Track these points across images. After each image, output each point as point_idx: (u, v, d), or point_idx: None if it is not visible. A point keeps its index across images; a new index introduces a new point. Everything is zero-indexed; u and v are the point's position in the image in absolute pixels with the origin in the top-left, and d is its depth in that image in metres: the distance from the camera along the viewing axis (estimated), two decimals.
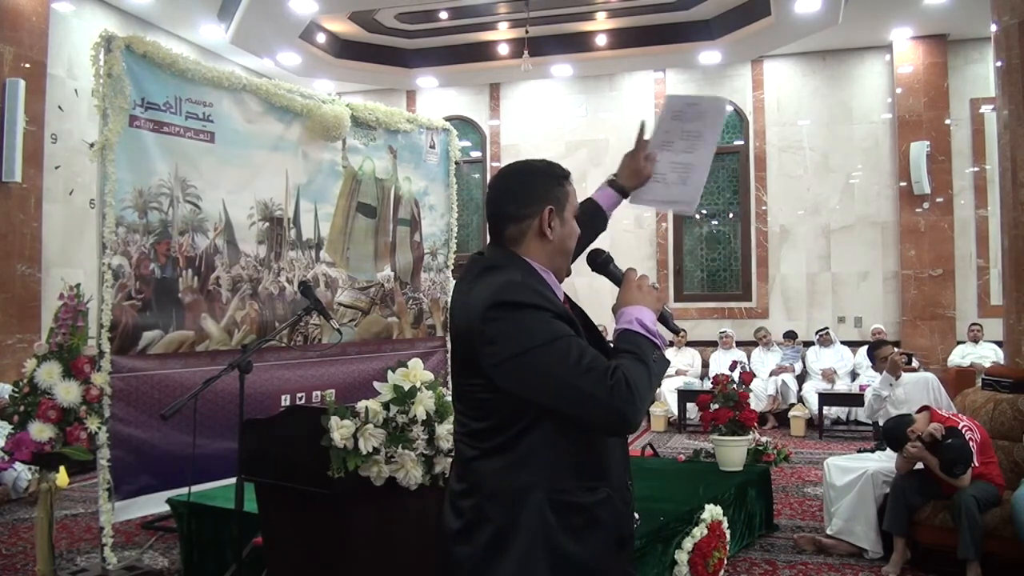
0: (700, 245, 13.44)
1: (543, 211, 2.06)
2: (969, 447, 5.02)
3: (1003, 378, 6.04)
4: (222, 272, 5.31)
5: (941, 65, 12.14)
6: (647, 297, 2.05)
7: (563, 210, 2.09)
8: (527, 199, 2.07)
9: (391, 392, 3.14)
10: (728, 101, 10.56)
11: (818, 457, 8.69)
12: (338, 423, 3.01)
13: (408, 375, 3.17)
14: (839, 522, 5.79)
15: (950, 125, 12.20)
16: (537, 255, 2.06)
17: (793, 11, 10.17)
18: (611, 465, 2.03)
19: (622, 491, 2.06)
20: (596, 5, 11.32)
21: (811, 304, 12.74)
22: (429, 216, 7.12)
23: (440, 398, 3.20)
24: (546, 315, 1.91)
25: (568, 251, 2.13)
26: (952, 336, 11.98)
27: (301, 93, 5.99)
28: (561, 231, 2.08)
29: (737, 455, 6.14)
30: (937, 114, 12.15)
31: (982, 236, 12.04)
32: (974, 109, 12.15)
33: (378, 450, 3.06)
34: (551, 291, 2.03)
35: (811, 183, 12.80)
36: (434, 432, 3.16)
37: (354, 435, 3.03)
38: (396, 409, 3.12)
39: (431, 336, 7.09)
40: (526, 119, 13.94)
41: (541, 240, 2.06)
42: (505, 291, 1.93)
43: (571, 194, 2.13)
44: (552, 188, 2.09)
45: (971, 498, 4.95)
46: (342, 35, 11.87)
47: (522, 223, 2.06)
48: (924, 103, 12.15)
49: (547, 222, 2.05)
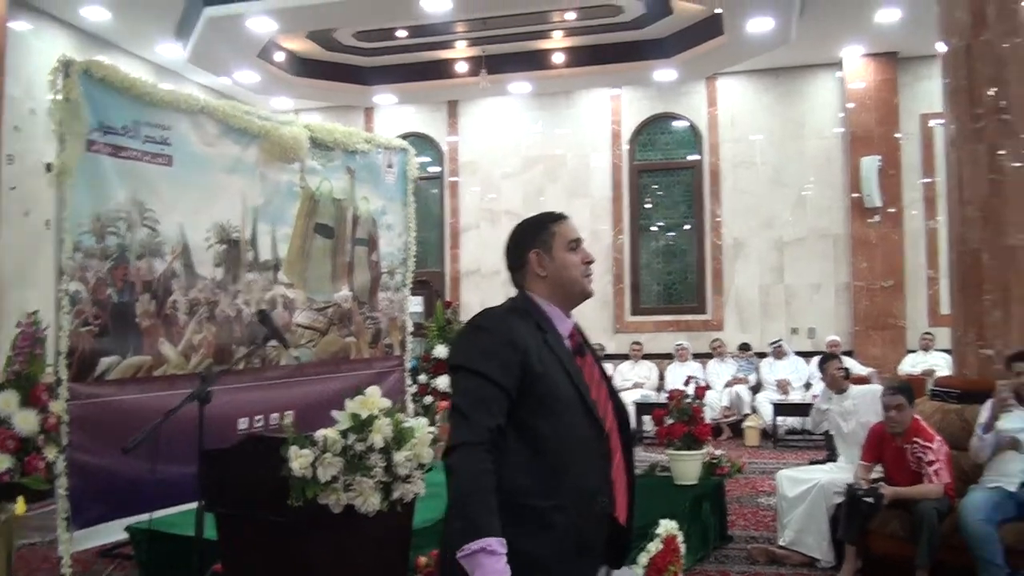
0: (656, 259, 13.61)
1: (530, 256, 2.41)
2: None
3: (951, 389, 6.18)
4: (179, 296, 5.32)
5: (891, 82, 12.44)
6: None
7: (551, 249, 2.41)
8: (517, 250, 2.46)
9: (349, 420, 3.21)
10: None
11: (772, 467, 8.82)
12: (297, 452, 3.07)
13: (366, 403, 3.24)
14: (791, 533, 5.92)
15: (900, 139, 12.49)
16: (540, 291, 2.42)
17: (746, 30, 10.37)
18: (572, 476, 2.21)
19: (586, 502, 2.22)
20: (553, 24, 11.46)
21: (765, 316, 12.96)
22: (387, 235, 7.16)
23: (398, 425, 3.27)
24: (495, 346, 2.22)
25: (568, 279, 2.41)
26: (903, 345, 12.25)
27: (259, 115, 6.02)
28: (553, 266, 2.40)
29: (692, 469, 6.24)
30: (888, 129, 12.44)
31: (932, 247, 12.30)
32: (924, 124, 12.44)
33: (336, 478, 3.12)
34: (543, 322, 2.35)
35: (764, 197, 13.02)
36: (392, 459, 3.23)
37: (313, 464, 3.10)
38: (354, 437, 3.19)
39: (389, 355, 7.14)
40: (484, 135, 14.04)
41: (538, 279, 2.41)
42: (481, 314, 2.37)
43: (558, 233, 2.43)
44: (537, 234, 2.43)
45: (933, 510, 5.07)
46: (300, 53, 11.90)
47: (521, 271, 2.45)
48: (875, 118, 12.44)
49: (537, 264, 2.41)
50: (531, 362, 2.21)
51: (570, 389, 2.27)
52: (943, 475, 5.25)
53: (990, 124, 5.99)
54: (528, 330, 2.28)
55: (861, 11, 10.62)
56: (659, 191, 13.68)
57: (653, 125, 13.59)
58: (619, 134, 13.52)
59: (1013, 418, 5.21)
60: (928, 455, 5.29)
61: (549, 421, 2.22)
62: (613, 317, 13.29)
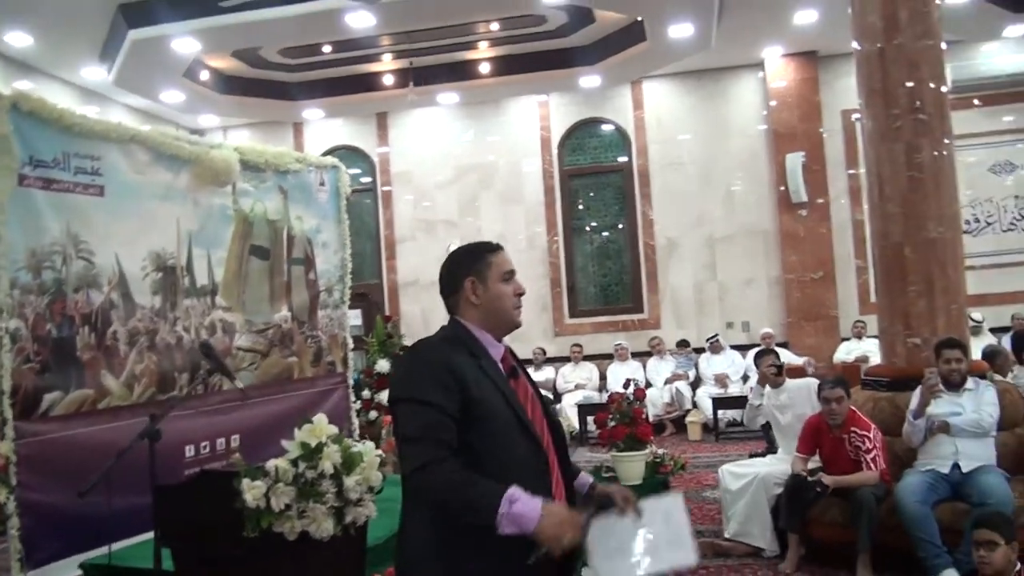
0: (591, 261, 13.76)
1: (465, 283, 2.47)
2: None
3: (881, 377, 6.43)
4: (119, 326, 5.27)
5: (812, 80, 12.77)
6: (549, 524, 2.16)
7: (486, 279, 2.46)
8: (453, 276, 2.51)
9: (298, 449, 3.25)
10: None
11: (715, 461, 9.00)
12: (250, 484, 3.11)
13: (314, 431, 3.29)
14: (735, 525, 6.10)
15: (824, 135, 12.82)
16: (472, 318, 2.48)
17: (667, 36, 10.54)
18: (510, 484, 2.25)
19: None
20: (478, 35, 11.52)
21: (700, 312, 13.18)
22: (323, 253, 7.14)
23: (346, 450, 3.32)
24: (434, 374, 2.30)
25: (500, 309, 2.48)
26: (836, 334, 12.56)
27: (188, 140, 5.98)
28: (487, 296, 2.47)
29: (636, 469, 6.39)
30: (810, 125, 12.76)
31: (859, 237, 12.59)
32: (846, 119, 12.75)
33: (290, 506, 3.16)
34: (476, 347, 2.41)
35: (694, 196, 13.24)
36: (342, 484, 3.28)
37: (266, 494, 3.14)
38: (304, 465, 3.24)
39: (331, 373, 7.13)
40: (415, 146, 14.05)
41: (471, 306, 2.47)
42: (415, 346, 2.51)
43: (494, 263, 2.48)
44: (474, 263, 2.49)
45: (871, 495, 5.29)
46: (226, 71, 11.81)
47: (454, 296, 2.51)
48: (797, 115, 12.75)
49: (471, 292, 2.47)
50: (469, 388, 2.29)
51: (507, 411, 2.35)
52: (879, 461, 5.47)
53: (906, 123, 6.20)
54: (463, 357, 2.36)
55: (779, 13, 10.88)
56: (591, 194, 13.84)
57: (581, 130, 13.73)
58: (549, 140, 13.65)
59: (942, 403, 5.46)
60: (866, 443, 5.50)
61: (490, 443, 2.30)
62: (552, 320, 13.41)
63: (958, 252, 6.33)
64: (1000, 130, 12.65)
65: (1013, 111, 12.63)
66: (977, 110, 12.52)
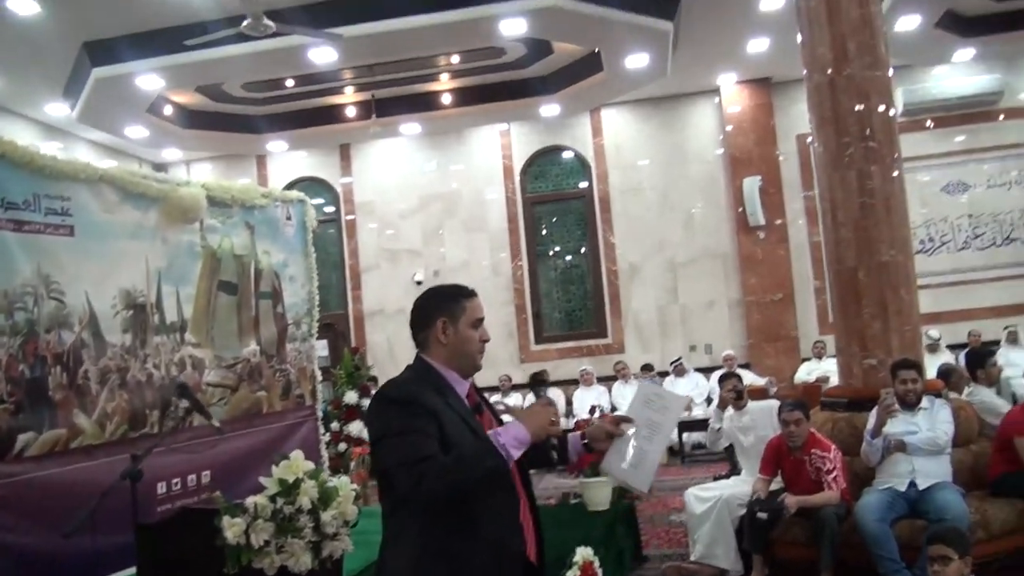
0: (555, 287, 13.93)
1: (437, 322, 2.56)
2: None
3: (839, 398, 6.58)
4: (90, 365, 5.28)
5: (766, 105, 13.10)
6: (532, 421, 2.46)
7: (458, 321, 2.56)
8: (425, 314, 2.60)
9: (276, 485, 3.33)
10: (688, 398, 11.16)
11: (681, 484, 9.07)
12: (230, 522, 3.19)
13: (291, 467, 3.37)
14: (701, 547, 6.20)
15: (780, 158, 13.11)
16: (437, 356, 2.57)
17: (624, 66, 10.77)
18: (486, 522, 2.40)
19: (500, 545, 2.42)
20: (439, 67, 11.67)
21: (664, 335, 13.37)
22: (290, 287, 7.18)
23: (323, 485, 3.41)
24: (406, 410, 2.39)
25: (465, 353, 2.57)
26: (797, 354, 12.81)
27: (156, 178, 6.02)
28: (456, 338, 2.56)
29: (603, 495, 6.45)
30: (766, 150, 13.06)
31: (816, 259, 12.82)
32: (800, 143, 13.02)
33: (269, 542, 3.24)
34: (442, 385, 2.51)
35: (654, 221, 13.48)
36: (319, 519, 3.36)
37: (246, 531, 3.21)
38: (282, 501, 3.32)
39: (300, 406, 7.16)
40: (378, 176, 14.18)
41: (439, 345, 2.56)
42: (384, 387, 2.54)
43: (468, 309, 2.58)
44: (448, 304, 2.58)
45: (832, 514, 5.41)
46: (189, 106, 11.85)
47: (424, 332, 2.59)
48: (753, 140, 13.05)
49: (440, 331, 2.55)
50: (440, 422, 2.40)
51: (475, 444, 2.45)
52: (840, 481, 5.61)
53: (857, 150, 6.38)
54: (430, 394, 2.46)
55: (733, 42, 11.20)
56: (554, 220, 14.03)
57: (543, 157, 13.94)
58: (511, 168, 13.83)
59: (898, 422, 5.61)
60: (826, 464, 5.63)
61: None
62: (518, 347, 13.51)
63: (911, 274, 6.51)
64: (952, 151, 13.02)
65: (964, 132, 13.01)
66: (929, 132, 12.93)
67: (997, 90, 12.71)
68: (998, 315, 12.48)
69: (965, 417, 6.08)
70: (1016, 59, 12.80)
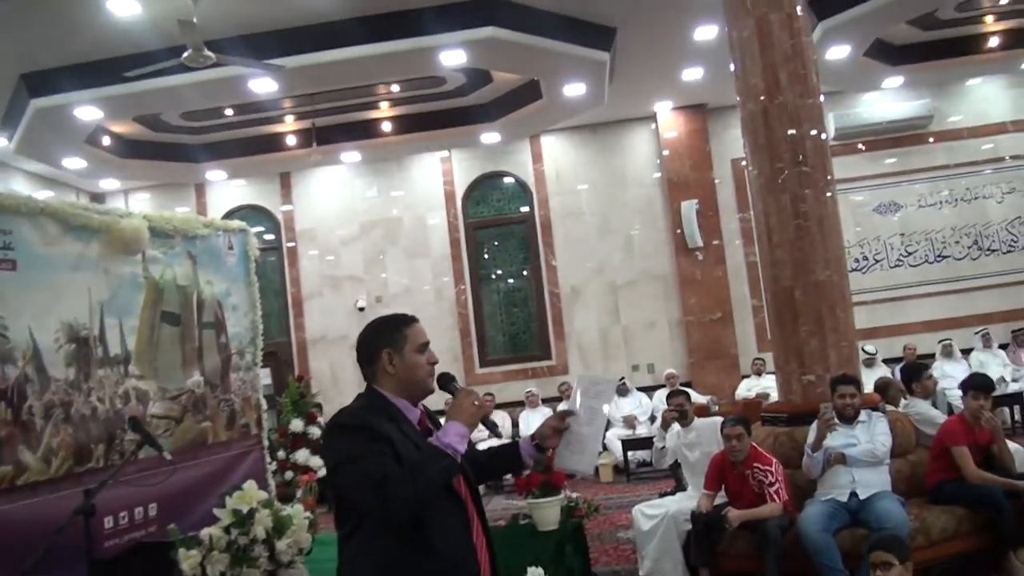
0: (499, 311, 14.01)
1: (382, 354, 2.61)
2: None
3: (779, 413, 6.73)
4: (34, 400, 5.20)
5: (702, 131, 13.38)
6: (462, 413, 2.54)
7: (402, 350, 2.62)
8: (369, 349, 2.66)
9: (230, 516, 3.34)
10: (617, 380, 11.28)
11: (627, 501, 9.23)
12: (185, 554, 3.20)
13: (244, 497, 3.39)
14: (649, 563, 6.29)
15: (716, 182, 13.39)
16: (388, 386, 2.63)
17: (562, 95, 10.96)
18: (440, 544, 2.45)
19: (454, 567, 2.48)
20: (379, 96, 11.73)
21: (606, 356, 13.51)
22: (233, 316, 7.12)
23: (277, 514, 3.43)
24: (360, 435, 2.44)
25: (415, 379, 2.64)
26: (737, 371, 13.05)
27: (97, 210, 5.98)
28: (403, 366, 2.62)
29: (552, 514, 6.50)
30: (702, 174, 13.33)
31: (753, 279, 13.11)
32: (736, 167, 13.34)
33: (224, 573, 3.25)
34: (394, 413, 2.57)
35: (595, 244, 13.66)
36: (274, 548, 3.38)
37: (201, 563, 3.22)
38: (237, 531, 3.33)
39: (246, 435, 7.11)
40: (319, 203, 14.16)
41: (388, 375, 2.62)
42: (337, 416, 2.54)
43: (410, 335, 2.65)
44: (390, 335, 2.64)
45: (776, 526, 5.54)
46: (127, 135, 11.73)
47: (371, 366, 2.65)
48: (689, 165, 13.31)
49: (388, 362, 2.61)
50: (394, 446, 2.45)
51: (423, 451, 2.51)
52: (782, 493, 5.74)
53: (791, 175, 6.55)
54: (383, 421, 2.51)
55: (668, 71, 11.47)
56: (496, 244, 14.12)
57: (484, 183, 14.05)
58: (452, 194, 13.91)
59: (838, 436, 5.78)
60: (768, 477, 5.77)
61: None
62: (463, 371, 13.52)
63: (846, 293, 6.69)
64: (883, 173, 13.43)
65: (894, 155, 13.44)
66: (861, 154, 13.34)
67: (926, 115, 13.13)
68: (931, 329, 12.88)
69: (902, 429, 6.26)
70: (945, 85, 13.26)
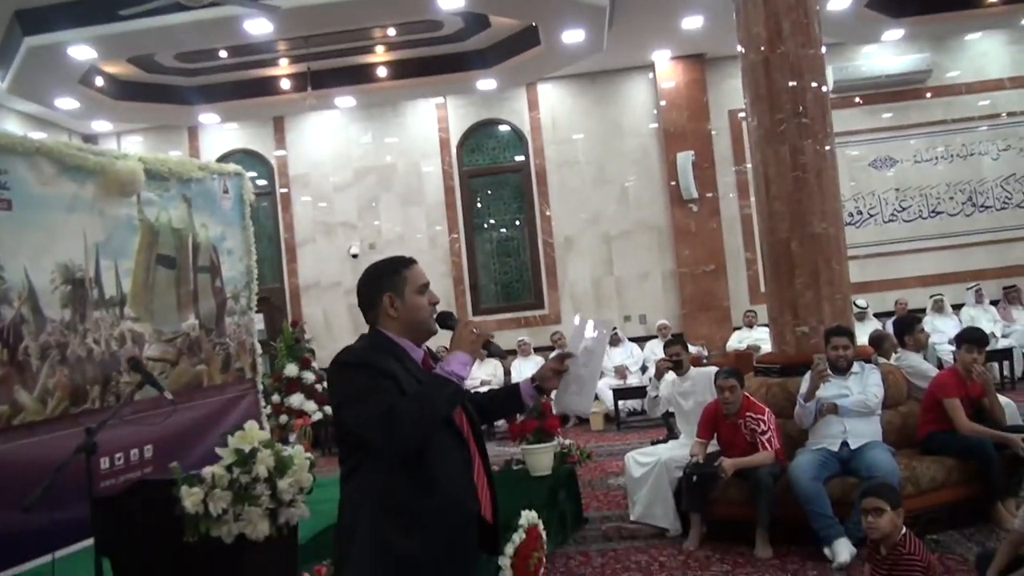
0: (492, 259, 14.00)
1: (384, 298, 2.60)
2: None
3: (772, 364, 6.81)
4: (30, 341, 5.22)
5: (700, 81, 13.28)
6: (462, 342, 2.58)
7: (403, 292, 2.61)
8: (370, 294, 2.65)
9: (233, 455, 3.37)
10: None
11: (618, 449, 9.32)
12: (188, 491, 3.22)
13: (246, 437, 3.41)
14: (640, 508, 6.38)
15: (712, 133, 13.33)
16: (392, 329, 2.62)
17: (560, 41, 10.84)
18: (442, 483, 2.48)
19: (456, 505, 2.51)
20: (375, 40, 11.61)
21: (599, 306, 13.53)
22: (228, 260, 7.14)
23: (278, 454, 3.46)
24: (365, 372, 2.45)
25: (417, 320, 2.64)
26: (729, 323, 13.13)
27: (93, 151, 5.95)
28: (404, 308, 2.61)
29: (545, 460, 6.59)
30: (699, 125, 13.25)
31: (747, 231, 13.16)
32: (733, 119, 13.30)
33: (226, 510, 3.28)
34: (398, 352, 2.57)
35: (589, 194, 13.62)
36: (276, 487, 3.41)
37: (203, 500, 3.25)
38: (239, 470, 3.36)
39: (241, 379, 7.15)
40: (313, 149, 14.06)
41: (390, 319, 2.61)
42: (340, 354, 2.57)
43: (410, 277, 2.64)
44: (390, 278, 2.63)
45: (767, 475, 5.62)
46: (121, 76, 11.60)
47: (373, 310, 2.64)
48: (686, 116, 13.23)
49: (389, 306, 2.60)
50: (399, 383, 2.46)
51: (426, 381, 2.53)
52: (774, 442, 5.81)
53: (790, 126, 6.55)
54: (387, 359, 2.52)
55: (667, 19, 11.31)
56: (490, 193, 14.07)
57: (479, 131, 13.95)
58: (447, 141, 13.82)
59: (830, 387, 5.85)
60: (760, 425, 5.84)
61: None
62: None
63: (841, 246, 6.73)
64: (880, 127, 13.40)
65: (892, 109, 13.39)
66: (858, 108, 13.29)
67: (925, 69, 13.08)
68: (923, 284, 12.97)
69: (894, 381, 6.33)
70: (944, 39, 13.19)
